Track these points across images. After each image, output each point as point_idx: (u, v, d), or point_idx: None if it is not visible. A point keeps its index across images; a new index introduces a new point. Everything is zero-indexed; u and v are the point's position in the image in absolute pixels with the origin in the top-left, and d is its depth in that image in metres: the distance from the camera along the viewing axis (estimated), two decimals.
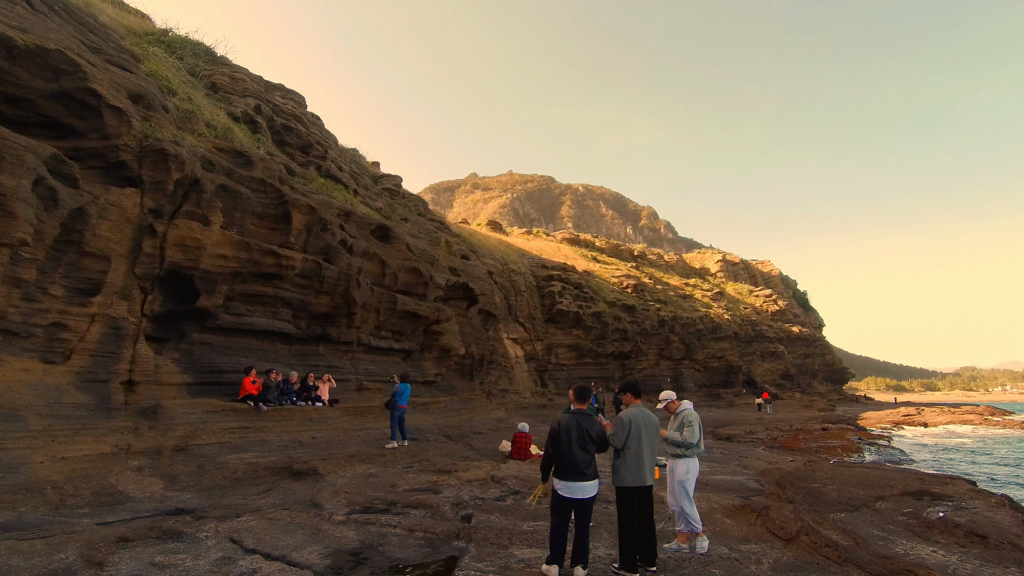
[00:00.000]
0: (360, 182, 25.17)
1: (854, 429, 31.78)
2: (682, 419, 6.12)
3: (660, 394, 6.47)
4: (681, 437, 5.99)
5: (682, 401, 6.38)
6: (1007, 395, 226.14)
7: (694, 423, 6.09)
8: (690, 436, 5.98)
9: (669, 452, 6.13)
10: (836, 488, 7.86)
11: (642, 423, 5.20)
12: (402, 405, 11.04)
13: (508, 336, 38.73)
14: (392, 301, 17.63)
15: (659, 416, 6.12)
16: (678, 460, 6.05)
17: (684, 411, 6.22)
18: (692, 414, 6.16)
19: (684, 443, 5.98)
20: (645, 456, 5.14)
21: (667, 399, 6.37)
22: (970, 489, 8.62)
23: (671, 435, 6.04)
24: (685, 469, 6.02)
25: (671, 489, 6.04)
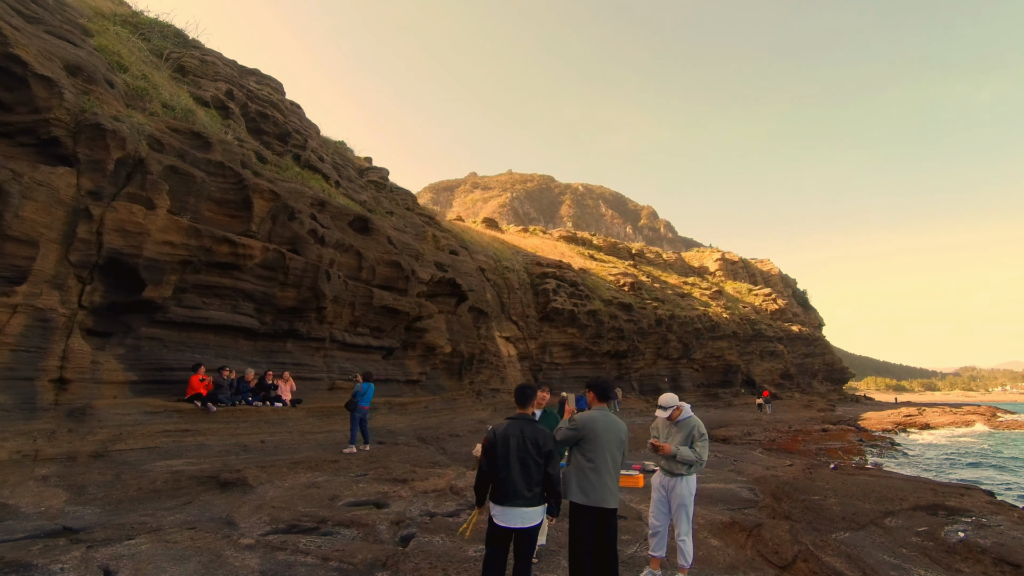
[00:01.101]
0: (343, 174, 24.24)
1: (855, 430, 30.85)
2: (691, 430, 5.03)
3: (660, 398, 5.22)
4: (695, 455, 4.91)
5: (683, 405, 5.21)
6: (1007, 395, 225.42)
7: (707, 434, 5.11)
8: (703, 452, 4.96)
9: (668, 470, 5.04)
10: (839, 501, 6.90)
11: (601, 430, 4.14)
12: (364, 406, 10.12)
13: (501, 334, 37.77)
14: (368, 295, 16.68)
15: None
16: (680, 479, 4.95)
17: (688, 419, 5.15)
18: (701, 423, 5.14)
19: (700, 461, 4.94)
20: (604, 472, 4.04)
21: (670, 405, 5.11)
22: (988, 502, 7.68)
23: (682, 451, 4.90)
24: (688, 489, 4.96)
25: (658, 511, 5.04)
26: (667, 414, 5.08)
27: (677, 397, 5.19)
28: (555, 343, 41.31)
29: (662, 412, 5.09)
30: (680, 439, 5.02)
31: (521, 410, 4.03)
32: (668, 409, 5.08)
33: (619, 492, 4.14)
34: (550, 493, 3.71)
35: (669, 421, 5.12)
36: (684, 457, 4.89)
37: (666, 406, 5.11)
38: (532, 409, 4.03)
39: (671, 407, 5.08)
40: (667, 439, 5.06)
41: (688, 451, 4.91)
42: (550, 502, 3.73)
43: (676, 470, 4.97)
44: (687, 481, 4.95)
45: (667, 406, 5.10)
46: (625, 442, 4.24)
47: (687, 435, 5.01)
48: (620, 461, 4.18)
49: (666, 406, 5.11)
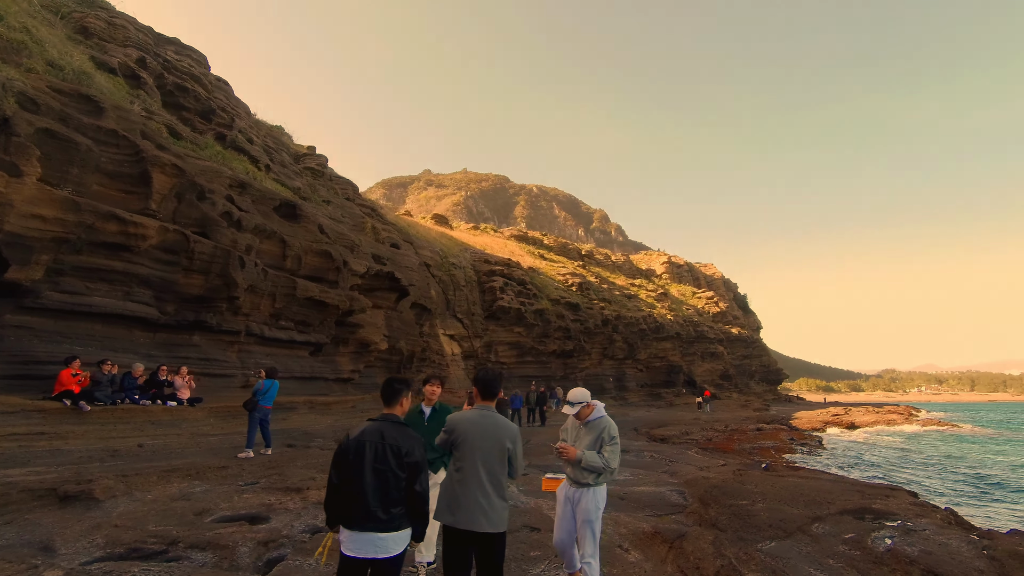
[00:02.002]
0: (275, 158, 22.69)
1: (787, 429, 31.80)
2: (601, 432, 4.25)
3: (569, 393, 4.45)
4: (603, 460, 4.14)
5: (595, 404, 4.42)
6: (922, 396, 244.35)
7: (617, 437, 4.30)
8: (614, 458, 4.21)
9: (573, 479, 4.28)
10: (767, 506, 6.50)
11: (474, 434, 3.30)
12: (265, 405, 9.06)
13: (445, 332, 36.83)
14: (291, 286, 15.44)
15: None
16: (586, 490, 4.20)
17: (599, 419, 4.34)
18: (613, 425, 4.35)
19: (608, 468, 4.19)
20: (474, 486, 3.20)
21: (578, 402, 4.33)
22: (913, 503, 7.52)
23: (587, 457, 4.14)
24: (595, 503, 4.17)
25: (562, 525, 4.29)
26: (575, 411, 4.37)
27: (589, 393, 4.46)
28: (501, 342, 40.73)
29: (570, 409, 4.38)
30: (588, 442, 4.29)
31: (387, 409, 3.24)
32: (576, 406, 4.34)
33: (504, 512, 3.30)
34: (414, 514, 2.95)
35: (578, 421, 4.45)
36: (590, 463, 4.15)
37: (574, 402, 4.36)
38: (401, 408, 3.26)
39: (580, 404, 4.34)
40: (575, 442, 4.40)
41: (595, 456, 4.17)
42: (415, 525, 2.97)
43: (582, 479, 4.23)
44: (594, 493, 4.22)
45: (575, 402, 4.36)
46: (513, 450, 3.37)
47: (596, 438, 4.27)
48: (504, 472, 3.34)
49: (574, 402, 4.36)
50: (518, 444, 3.41)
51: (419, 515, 2.99)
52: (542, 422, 21.88)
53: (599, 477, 4.20)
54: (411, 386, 3.43)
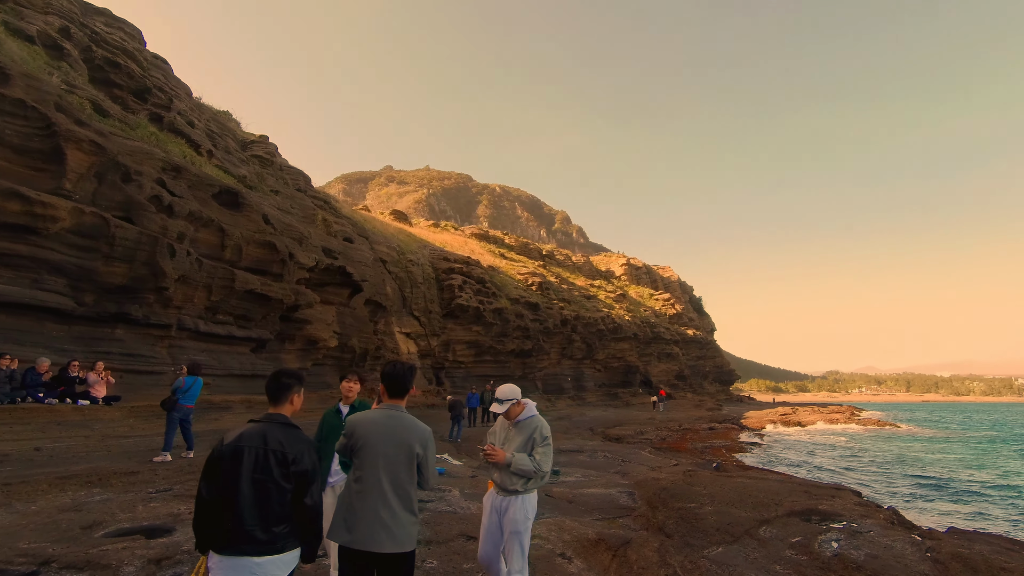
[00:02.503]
0: (219, 144, 21.43)
1: (738, 428, 32.57)
2: (532, 433, 3.83)
3: (498, 390, 3.99)
4: (533, 464, 3.70)
5: (526, 402, 4.03)
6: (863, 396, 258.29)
7: (550, 438, 3.88)
8: (546, 461, 3.76)
9: (502, 485, 3.81)
10: (715, 509, 6.28)
11: (377, 437, 2.79)
12: (187, 404, 8.27)
13: (400, 330, 35.94)
14: (230, 278, 14.48)
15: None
16: (514, 498, 3.74)
17: (531, 419, 3.95)
18: (546, 424, 3.95)
19: (539, 472, 3.73)
20: (375, 498, 2.70)
21: (508, 399, 3.89)
22: (857, 503, 7.49)
23: (516, 460, 3.70)
24: (524, 513, 3.73)
25: (488, 537, 3.84)
26: (503, 409, 3.91)
27: (519, 390, 4.05)
28: (459, 341, 40.10)
29: (498, 407, 3.93)
30: (518, 444, 3.85)
31: (274, 408, 2.75)
32: (505, 404, 3.89)
33: (413, 528, 2.79)
34: (304, 532, 2.47)
35: (508, 421, 4.05)
36: (519, 467, 3.68)
37: (503, 399, 3.91)
38: (292, 407, 2.77)
39: (509, 401, 3.89)
40: (504, 444, 3.99)
41: (525, 460, 3.70)
42: (305, 544, 2.49)
43: (510, 485, 3.74)
44: (523, 501, 3.74)
45: (504, 399, 3.91)
46: (423, 455, 2.89)
47: (527, 439, 3.85)
48: (412, 482, 2.83)
49: (503, 399, 3.91)
50: (430, 449, 2.95)
51: (310, 532, 2.51)
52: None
53: (529, 483, 3.79)
54: (303, 381, 2.94)
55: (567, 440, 19.05)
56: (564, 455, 15.35)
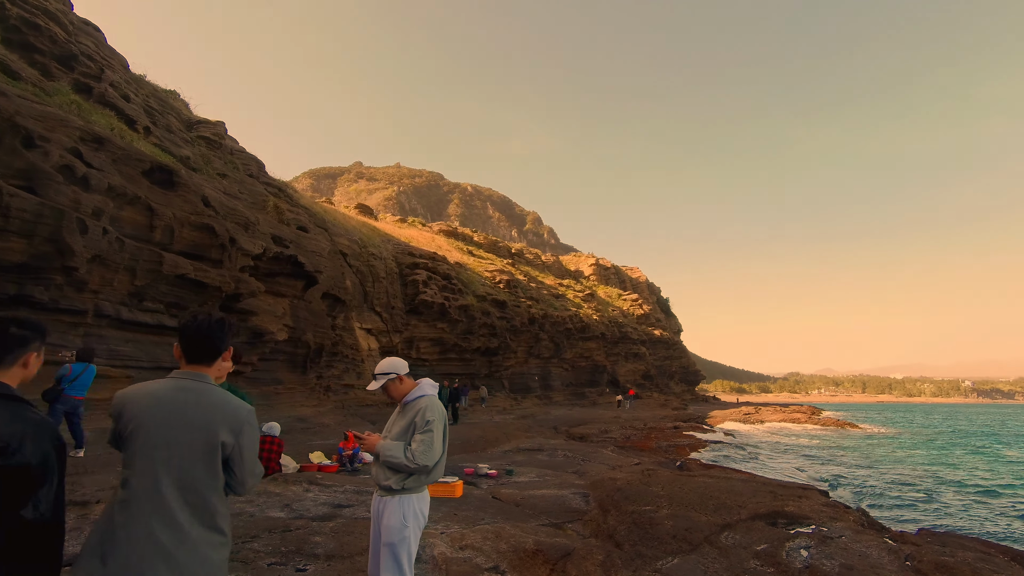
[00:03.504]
0: (158, 121, 19.89)
1: (703, 428, 32.47)
2: (415, 415, 3.02)
3: (380, 364, 3.22)
4: (406, 455, 2.92)
5: (419, 382, 3.24)
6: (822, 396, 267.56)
7: (435, 422, 3.01)
8: (425, 451, 2.93)
9: (377, 481, 3.04)
10: (672, 512, 5.56)
11: (158, 420, 1.84)
12: (74, 396, 7.13)
13: (361, 326, 34.63)
14: (157, 261, 13.18)
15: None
16: (391, 499, 2.96)
17: (418, 399, 3.11)
18: (435, 407, 3.08)
19: (414, 465, 2.93)
20: (147, 511, 1.74)
21: (385, 374, 3.13)
22: (825, 504, 6.91)
23: (384, 448, 2.95)
24: (401, 518, 2.91)
25: (373, 549, 2.99)
26: (377, 386, 3.09)
27: (404, 364, 3.22)
28: (423, 338, 39.00)
29: (374, 384, 3.12)
30: (399, 430, 3.06)
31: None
32: (380, 379, 3.10)
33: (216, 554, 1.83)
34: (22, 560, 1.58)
35: (391, 399, 3.18)
36: (387, 457, 2.91)
37: (378, 374, 3.12)
38: (24, 371, 1.87)
39: (385, 376, 3.09)
40: (388, 432, 3.15)
41: (394, 448, 2.93)
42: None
43: (383, 480, 2.96)
44: (401, 503, 2.92)
45: (380, 373, 3.11)
46: (236, 445, 1.92)
47: (408, 424, 3.03)
48: (215, 484, 1.88)
49: (378, 374, 3.12)
50: (246, 436, 1.96)
51: (32, 561, 1.61)
52: (454, 420, 20.59)
53: (408, 480, 2.95)
54: (44, 335, 2.03)
55: (527, 439, 18.30)
56: (522, 454, 14.58)
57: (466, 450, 14.96)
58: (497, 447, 15.82)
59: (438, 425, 3.02)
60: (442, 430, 3.06)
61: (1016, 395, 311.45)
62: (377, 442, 2.99)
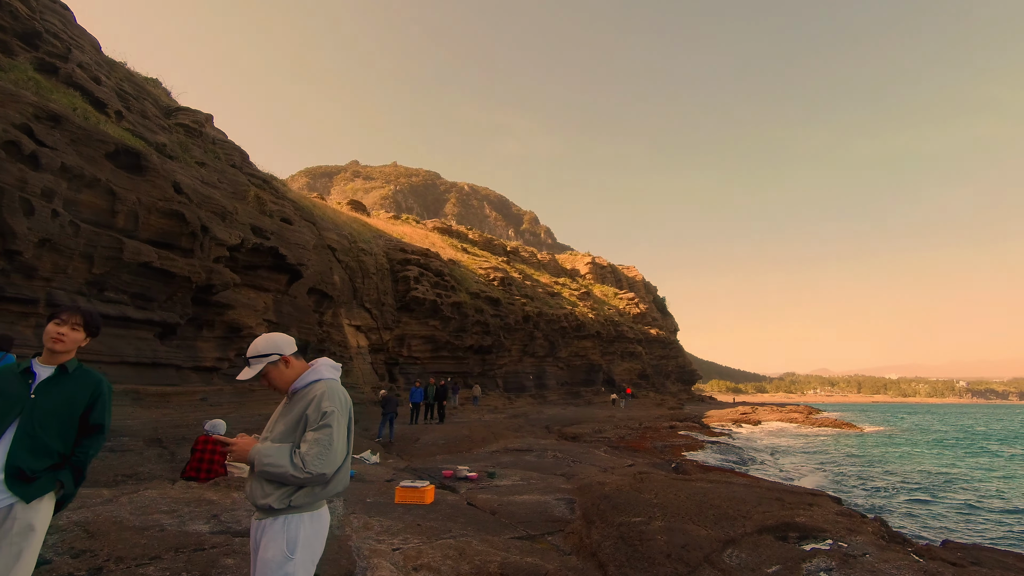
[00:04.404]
0: (132, 106, 18.99)
1: (699, 427, 31.73)
2: (308, 406, 2.21)
3: (254, 344, 2.36)
4: (292, 461, 2.10)
5: (314, 363, 2.43)
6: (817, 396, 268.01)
7: (335, 414, 2.20)
8: (321, 454, 2.10)
9: (251, 498, 2.20)
10: (665, 524, 4.77)
11: None
12: None
13: (350, 323, 33.77)
14: (117, 247, 12.31)
15: None
16: (271, 521, 2.14)
17: (311, 386, 2.29)
18: (335, 395, 2.26)
19: (305, 474, 2.09)
20: None
21: (261, 356, 2.32)
22: (839, 513, 6.12)
23: (260, 452, 2.13)
24: (283, 548, 2.07)
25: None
26: (252, 373, 2.28)
27: (289, 341, 2.39)
28: (414, 335, 38.12)
29: (248, 372, 2.30)
30: (283, 427, 2.22)
31: None
32: (254, 364, 2.28)
33: None
34: None
35: (271, 387, 2.34)
36: (265, 464, 2.09)
37: (251, 356, 2.30)
38: None
39: (262, 359, 2.28)
40: (270, 432, 2.30)
41: (276, 452, 2.10)
42: None
43: (259, 498, 2.13)
44: (286, 528, 2.11)
45: (254, 356, 2.30)
46: None
47: (297, 419, 2.20)
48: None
49: (251, 356, 2.30)
50: None
51: None
52: (440, 418, 19.75)
53: (295, 495, 2.12)
54: None
55: (517, 439, 17.49)
56: (510, 455, 13.78)
57: (450, 450, 14.15)
58: (483, 447, 15.02)
59: (339, 418, 2.20)
60: (345, 425, 2.26)
61: (1010, 395, 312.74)
62: (251, 446, 2.17)
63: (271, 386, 2.34)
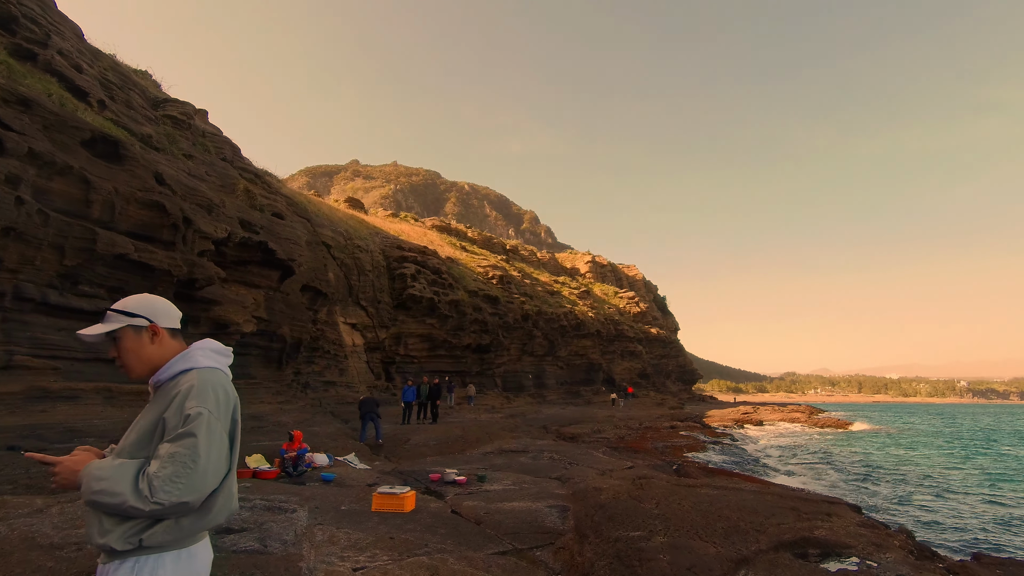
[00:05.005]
0: (117, 96, 18.40)
1: (700, 427, 31.13)
2: (167, 405, 1.58)
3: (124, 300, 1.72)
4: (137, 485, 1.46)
5: (191, 347, 1.75)
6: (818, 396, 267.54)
7: (207, 417, 1.54)
8: (179, 475, 1.44)
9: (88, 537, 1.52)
10: (670, 541, 4.17)
11: None
12: None
13: (345, 320, 33.18)
14: (90, 238, 11.72)
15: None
16: (125, 562, 1.47)
17: (180, 377, 1.64)
18: (208, 390, 1.60)
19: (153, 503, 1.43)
20: None
21: (128, 314, 1.66)
22: (861, 523, 5.53)
23: (95, 478, 1.46)
24: None
25: None
26: (103, 330, 1.64)
27: (168, 308, 1.78)
28: (411, 334, 37.51)
29: (96, 329, 1.65)
30: (138, 435, 1.59)
31: None
32: (112, 320, 1.65)
33: None
34: None
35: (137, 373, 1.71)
36: (98, 493, 1.44)
37: (113, 312, 1.67)
38: None
39: (126, 317, 1.67)
40: (125, 439, 1.63)
41: (114, 475, 1.46)
42: None
43: (97, 536, 1.47)
44: (131, 572, 1.47)
45: (115, 312, 1.67)
46: None
47: (153, 422, 1.58)
48: None
49: (113, 312, 1.67)
50: None
51: None
52: (433, 418, 19.15)
53: (150, 530, 1.49)
54: None
55: (513, 439, 16.88)
56: (503, 456, 13.18)
57: (441, 452, 13.55)
58: (477, 448, 14.42)
59: (211, 423, 1.56)
60: (225, 432, 1.62)
61: (1011, 395, 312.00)
62: (84, 465, 1.55)
63: (123, 365, 1.69)
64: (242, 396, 11.68)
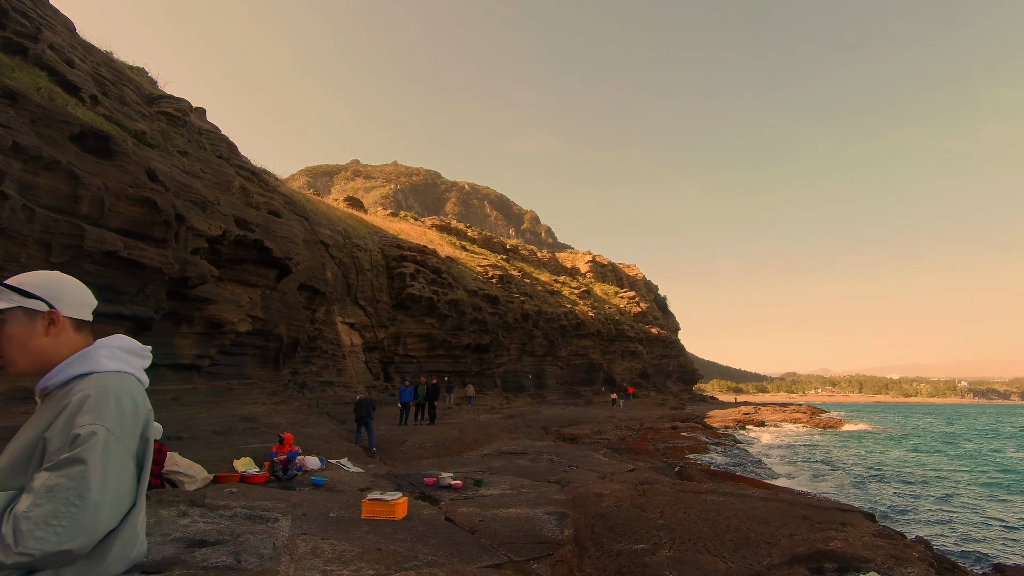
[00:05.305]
0: (110, 92, 18.08)
1: (702, 428, 30.82)
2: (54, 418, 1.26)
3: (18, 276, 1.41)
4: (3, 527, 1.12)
5: (94, 350, 1.39)
6: (819, 396, 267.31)
7: (103, 440, 1.21)
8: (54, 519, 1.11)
9: None
10: (676, 555, 3.88)
11: None
12: None
13: (344, 320, 32.87)
14: (77, 235, 11.43)
15: None
16: None
17: (80, 380, 1.32)
18: (111, 401, 1.28)
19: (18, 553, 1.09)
20: None
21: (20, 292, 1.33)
22: (877, 533, 5.24)
23: None
24: None
25: None
26: None
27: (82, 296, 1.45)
28: (410, 333, 37.22)
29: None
30: (8, 460, 1.23)
31: None
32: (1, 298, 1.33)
33: None
34: None
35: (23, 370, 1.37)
36: None
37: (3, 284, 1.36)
38: None
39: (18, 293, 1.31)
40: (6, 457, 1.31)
41: None
42: None
43: None
44: None
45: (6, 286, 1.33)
46: None
47: (33, 441, 1.23)
48: None
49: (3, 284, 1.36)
50: None
51: None
52: (431, 419, 18.85)
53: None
54: None
55: (511, 441, 16.60)
56: (502, 459, 12.88)
57: (438, 454, 13.26)
58: (474, 450, 14.13)
59: (110, 444, 1.23)
60: (128, 456, 1.29)
61: (1011, 395, 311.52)
62: None
63: (1, 356, 1.34)
64: (237, 396, 11.38)
